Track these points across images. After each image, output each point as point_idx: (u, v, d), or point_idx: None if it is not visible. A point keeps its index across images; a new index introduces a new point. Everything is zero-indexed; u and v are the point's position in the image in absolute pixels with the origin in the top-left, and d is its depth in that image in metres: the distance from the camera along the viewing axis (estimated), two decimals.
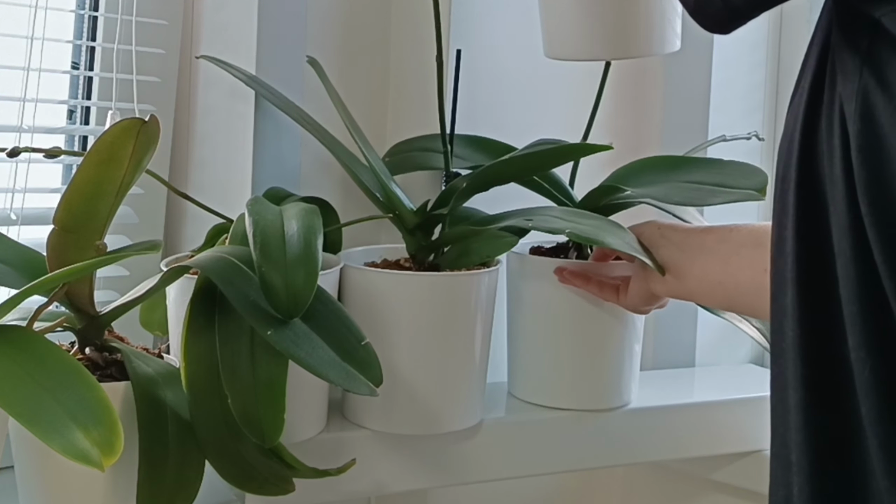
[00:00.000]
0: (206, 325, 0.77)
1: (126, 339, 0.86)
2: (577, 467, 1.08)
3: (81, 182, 0.75)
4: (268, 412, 0.74)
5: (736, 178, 0.97)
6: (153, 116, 0.75)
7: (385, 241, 1.07)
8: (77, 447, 0.67)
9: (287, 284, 0.74)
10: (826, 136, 0.56)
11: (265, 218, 0.79)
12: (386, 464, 0.96)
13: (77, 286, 0.80)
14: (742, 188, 0.96)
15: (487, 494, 1.21)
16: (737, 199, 0.96)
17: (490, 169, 0.96)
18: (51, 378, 0.70)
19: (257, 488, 0.80)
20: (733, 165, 0.99)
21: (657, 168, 1.04)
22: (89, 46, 1.07)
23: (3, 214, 0.99)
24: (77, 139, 1.09)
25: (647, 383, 1.17)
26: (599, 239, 0.91)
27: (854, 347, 0.55)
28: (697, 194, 0.98)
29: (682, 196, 0.99)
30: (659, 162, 1.05)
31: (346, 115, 0.98)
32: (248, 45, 1.01)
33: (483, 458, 1.01)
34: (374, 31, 1.11)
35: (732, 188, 0.96)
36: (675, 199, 0.99)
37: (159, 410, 0.77)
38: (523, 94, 1.16)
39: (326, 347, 0.76)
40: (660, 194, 0.99)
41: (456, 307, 0.93)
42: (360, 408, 0.96)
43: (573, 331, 1.02)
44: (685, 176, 1.01)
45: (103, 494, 0.78)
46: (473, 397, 0.98)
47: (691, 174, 1.01)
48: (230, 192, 1.03)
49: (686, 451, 1.11)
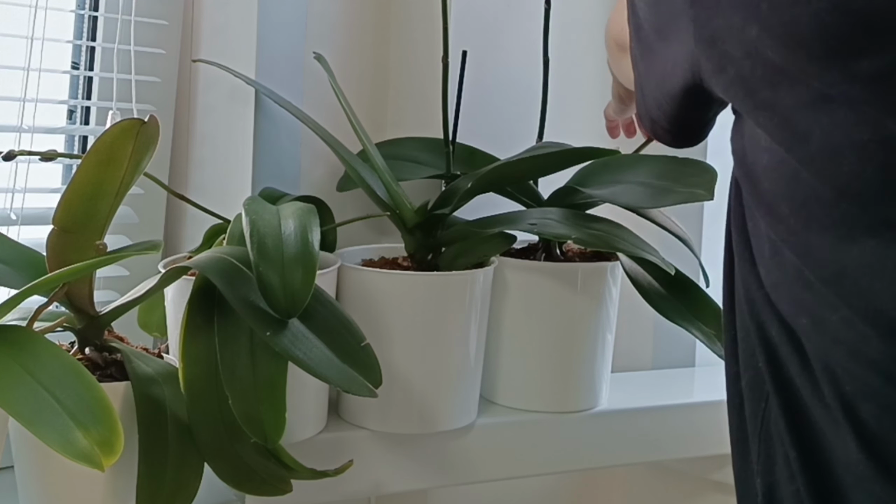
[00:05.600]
0: (205, 325, 0.77)
1: (126, 339, 0.86)
2: (577, 467, 1.08)
3: (81, 182, 0.75)
4: (269, 412, 0.74)
5: (686, 177, 0.97)
6: (153, 117, 0.75)
7: (384, 241, 1.07)
8: (77, 447, 0.67)
9: (285, 284, 0.74)
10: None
11: (262, 217, 0.79)
12: (385, 464, 0.96)
13: (77, 286, 0.80)
14: (690, 188, 0.95)
15: (488, 494, 1.21)
16: (685, 200, 0.95)
17: (495, 170, 0.96)
18: (51, 378, 0.70)
19: (255, 489, 0.80)
20: (685, 163, 0.98)
21: (613, 168, 1.02)
22: (89, 46, 1.07)
23: (3, 214, 0.99)
24: (77, 139, 1.09)
25: (647, 383, 1.17)
26: (606, 243, 0.92)
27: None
28: (649, 194, 0.98)
29: (634, 197, 0.98)
30: (615, 162, 1.03)
31: (350, 112, 0.98)
32: (249, 45, 1.01)
33: (483, 457, 1.01)
34: (374, 31, 1.11)
35: (681, 189, 0.96)
36: (624, 201, 0.99)
37: (159, 410, 0.77)
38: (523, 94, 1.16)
39: (325, 348, 0.76)
40: (614, 195, 0.99)
41: (453, 306, 0.93)
42: (356, 407, 0.96)
43: (547, 332, 1.01)
44: (639, 176, 1.00)
45: (103, 494, 0.78)
46: (469, 396, 0.98)
47: (645, 173, 1.00)
48: (230, 193, 1.04)
49: (686, 451, 1.11)
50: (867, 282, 0.50)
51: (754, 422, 0.61)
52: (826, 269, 0.52)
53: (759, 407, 0.61)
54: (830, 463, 0.55)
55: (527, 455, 1.03)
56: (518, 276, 1.00)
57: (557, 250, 1.05)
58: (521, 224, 0.95)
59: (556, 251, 1.04)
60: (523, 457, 1.03)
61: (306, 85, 1.04)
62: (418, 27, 1.09)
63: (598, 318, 1.02)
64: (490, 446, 1.01)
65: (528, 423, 1.02)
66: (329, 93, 0.98)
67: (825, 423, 0.55)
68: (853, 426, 0.53)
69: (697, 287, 1.04)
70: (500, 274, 0.99)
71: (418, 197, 0.99)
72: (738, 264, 0.61)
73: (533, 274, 1.00)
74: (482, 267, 0.96)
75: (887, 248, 0.50)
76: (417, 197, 0.99)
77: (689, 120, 0.67)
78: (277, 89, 0.99)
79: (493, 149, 1.06)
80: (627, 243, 0.93)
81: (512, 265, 1.00)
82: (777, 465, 0.59)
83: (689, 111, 0.65)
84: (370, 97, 1.11)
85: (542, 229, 0.93)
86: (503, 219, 0.97)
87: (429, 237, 0.97)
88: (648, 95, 0.67)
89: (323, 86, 1.00)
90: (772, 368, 0.59)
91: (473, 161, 1.05)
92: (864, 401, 0.52)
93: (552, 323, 1.01)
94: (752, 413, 0.62)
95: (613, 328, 1.05)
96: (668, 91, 0.64)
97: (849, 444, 0.53)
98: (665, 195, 0.97)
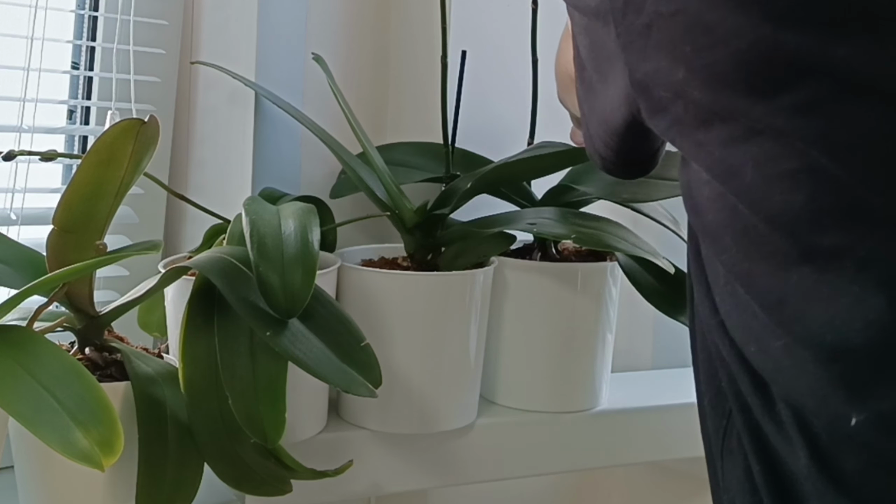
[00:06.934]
0: (204, 326, 0.77)
1: (126, 339, 0.86)
2: (577, 467, 1.08)
3: (81, 182, 0.75)
4: (269, 412, 0.74)
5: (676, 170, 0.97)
6: (152, 117, 0.75)
7: (384, 241, 1.07)
8: (77, 447, 0.67)
9: (284, 284, 0.74)
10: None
11: (262, 217, 0.79)
12: (385, 464, 0.96)
13: (77, 286, 0.80)
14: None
15: (488, 494, 1.21)
16: (678, 194, 0.95)
17: (496, 170, 0.96)
18: (51, 378, 0.70)
19: (254, 489, 0.80)
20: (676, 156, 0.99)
21: None
22: (89, 46, 1.07)
23: (3, 214, 0.99)
24: (77, 139, 1.09)
25: (647, 383, 1.17)
26: (605, 242, 0.91)
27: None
28: (642, 189, 0.98)
29: (628, 192, 0.99)
30: None
31: (349, 113, 0.98)
32: (249, 45, 1.01)
33: (483, 457, 1.01)
34: (374, 31, 1.11)
35: (674, 181, 0.96)
36: (621, 197, 0.99)
37: (159, 410, 0.77)
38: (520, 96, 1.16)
39: (325, 348, 0.76)
40: (607, 192, 0.99)
41: (453, 306, 0.93)
42: (356, 407, 0.96)
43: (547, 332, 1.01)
44: None
45: (103, 494, 0.78)
46: (469, 396, 0.98)
47: None
48: (230, 193, 1.04)
49: (686, 451, 1.11)
50: (804, 307, 0.52)
51: (717, 438, 0.64)
52: (768, 296, 0.54)
53: (720, 424, 0.63)
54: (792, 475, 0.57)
55: (527, 455, 1.03)
56: (518, 276, 1.00)
57: (553, 249, 1.05)
58: (519, 224, 0.95)
59: (551, 250, 1.05)
60: (523, 457, 1.03)
61: (306, 85, 1.04)
62: (418, 27, 1.09)
63: (597, 317, 1.02)
64: (490, 446, 1.01)
65: (528, 423, 1.02)
66: (329, 93, 0.98)
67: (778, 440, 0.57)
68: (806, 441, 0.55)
69: None
70: (499, 274, 0.99)
71: (416, 200, 0.99)
72: (696, 290, 0.63)
73: (533, 274, 1.00)
74: (482, 267, 0.96)
75: (822, 274, 0.51)
76: (416, 200, 0.99)
77: (637, 153, 0.69)
78: (277, 90, 0.99)
79: (491, 151, 1.06)
80: (626, 242, 0.93)
81: (512, 265, 1.00)
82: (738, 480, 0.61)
83: (635, 145, 0.67)
84: (370, 98, 1.11)
85: (541, 229, 0.94)
86: (502, 219, 0.97)
87: (428, 237, 0.97)
88: (594, 134, 0.69)
89: (322, 87, 1.00)
90: (734, 388, 0.60)
91: (470, 165, 1.05)
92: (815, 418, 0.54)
93: (552, 323, 1.01)
94: (715, 430, 0.64)
95: (613, 328, 1.05)
96: (612, 129, 0.66)
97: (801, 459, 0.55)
98: (657, 189, 0.97)
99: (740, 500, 0.61)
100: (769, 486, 0.58)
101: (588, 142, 0.71)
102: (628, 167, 0.71)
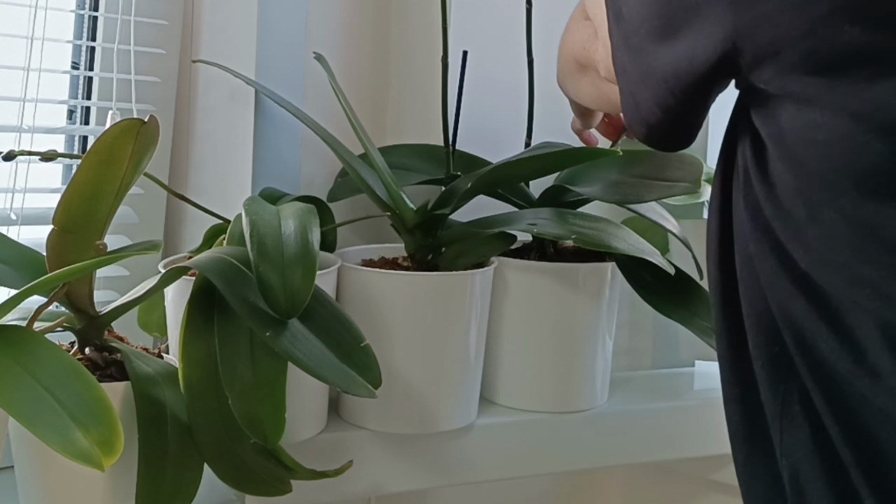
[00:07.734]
0: (204, 326, 0.77)
1: (126, 339, 0.86)
2: (577, 467, 1.08)
3: (81, 182, 0.75)
4: (269, 412, 0.74)
5: (672, 170, 0.97)
6: (152, 117, 0.75)
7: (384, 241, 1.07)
8: (77, 447, 0.67)
9: (284, 284, 0.74)
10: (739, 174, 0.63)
11: (262, 217, 0.79)
12: (385, 464, 0.96)
13: (77, 286, 0.80)
14: (677, 181, 0.95)
15: (488, 494, 1.21)
16: (673, 194, 0.95)
17: (496, 170, 0.96)
18: (51, 378, 0.70)
19: (254, 489, 0.80)
20: (671, 157, 0.98)
21: (602, 165, 1.02)
22: (89, 46, 1.07)
23: (3, 214, 0.99)
24: (77, 139, 1.09)
25: (647, 383, 1.17)
26: (605, 242, 0.91)
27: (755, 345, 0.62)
28: (635, 190, 0.98)
29: (621, 193, 0.98)
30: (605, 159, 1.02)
31: (350, 112, 0.98)
32: (249, 45, 1.01)
33: (483, 457, 1.01)
34: (374, 31, 1.11)
35: (668, 181, 0.96)
36: (614, 198, 0.99)
37: (159, 410, 0.77)
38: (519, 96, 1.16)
39: (325, 348, 0.76)
40: (601, 193, 0.99)
41: (453, 306, 0.93)
42: (356, 407, 0.96)
43: (547, 332, 1.01)
44: (626, 171, 1.00)
45: (103, 494, 0.78)
46: (469, 396, 0.98)
47: (632, 169, 1.00)
48: (230, 193, 1.04)
49: (686, 451, 1.11)
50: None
51: (775, 403, 0.61)
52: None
53: (777, 390, 0.61)
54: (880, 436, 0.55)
55: (527, 455, 1.03)
56: (518, 276, 1.00)
57: (551, 249, 1.05)
58: (519, 224, 0.95)
59: (549, 250, 1.04)
60: (523, 457, 1.03)
61: (307, 85, 1.04)
62: (418, 27, 1.09)
63: (597, 318, 1.02)
64: (490, 446, 1.01)
65: (528, 423, 1.02)
66: (329, 93, 0.98)
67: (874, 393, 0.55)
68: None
69: (694, 282, 1.04)
70: (499, 274, 0.99)
71: (415, 203, 0.99)
72: (756, 254, 0.61)
73: (533, 274, 1.00)
74: (482, 267, 0.96)
75: None
76: (415, 203, 0.99)
77: (692, 119, 0.67)
78: (277, 89, 0.99)
79: (489, 152, 1.06)
80: (626, 242, 0.93)
81: (512, 265, 1.00)
82: (802, 444, 0.60)
83: (694, 106, 0.65)
84: (370, 97, 1.11)
85: (541, 230, 0.94)
86: (501, 219, 0.97)
87: (429, 237, 0.97)
88: (641, 100, 0.66)
89: (323, 86, 1.00)
90: (803, 347, 0.58)
91: (469, 167, 1.05)
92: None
93: (552, 323, 1.01)
94: (773, 395, 0.61)
95: (613, 328, 1.05)
96: (682, 87, 0.63)
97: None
98: (651, 189, 0.97)
99: (807, 462, 0.60)
100: (846, 436, 0.57)
101: (633, 113, 0.68)
102: (671, 136, 0.69)
